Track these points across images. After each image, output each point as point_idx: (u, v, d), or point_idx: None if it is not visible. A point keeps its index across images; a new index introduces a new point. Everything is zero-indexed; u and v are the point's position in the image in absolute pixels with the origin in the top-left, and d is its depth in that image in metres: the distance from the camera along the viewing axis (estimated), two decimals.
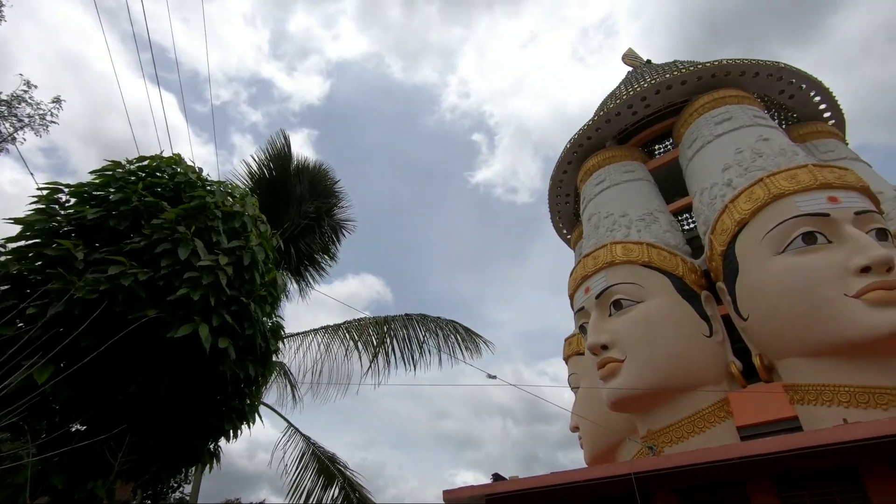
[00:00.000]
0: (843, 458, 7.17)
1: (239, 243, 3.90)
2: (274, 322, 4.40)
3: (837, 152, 16.99)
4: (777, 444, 7.24)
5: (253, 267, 3.88)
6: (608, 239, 15.90)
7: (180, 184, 3.95)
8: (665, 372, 12.80)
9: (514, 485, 9.31)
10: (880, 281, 10.34)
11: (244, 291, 3.78)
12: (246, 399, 4.33)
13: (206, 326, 3.31)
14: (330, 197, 9.56)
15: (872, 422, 7.21)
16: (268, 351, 4.06)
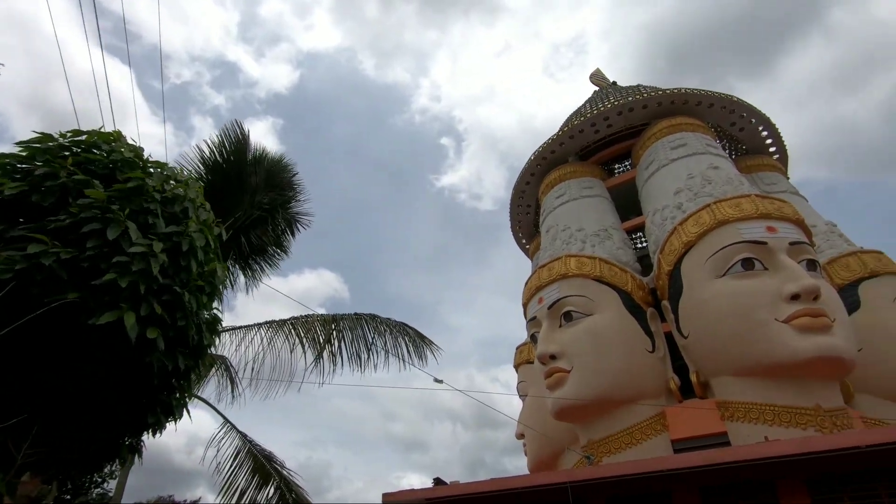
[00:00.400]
0: (761, 473, 7.61)
1: (177, 229, 3.74)
2: (211, 314, 4.24)
3: (779, 185, 18.09)
4: (701, 458, 7.61)
5: (191, 255, 3.72)
6: (564, 251, 16.29)
7: (117, 162, 3.75)
8: (609, 384, 13.20)
9: (454, 490, 9.34)
10: (807, 308, 11.04)
11: (179, 280, 3.62)
12: (175, 392, 4.15)
13: (132, 314, 3.14)
14: (287, 189, 9.34)
15: (789, 440, 7.68)
16: (201, 343, 3.91)
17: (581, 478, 8.00)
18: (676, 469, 7.47)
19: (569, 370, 13.58)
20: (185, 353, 3.74)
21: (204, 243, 4.03)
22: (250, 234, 8.31)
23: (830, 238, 15.91)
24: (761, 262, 12.16)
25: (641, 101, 18.25)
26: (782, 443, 7.39)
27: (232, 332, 7.53)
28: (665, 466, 7.55)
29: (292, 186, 9.48)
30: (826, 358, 10.63)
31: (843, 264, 14.72)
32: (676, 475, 7.63)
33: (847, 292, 14.21)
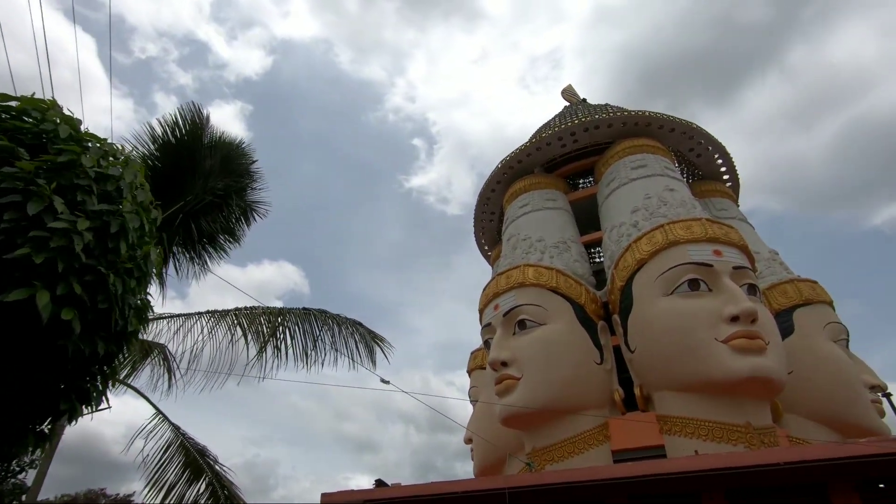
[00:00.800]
0: (688, 486, 7.93)
1: (109, 208, 3.56)
2: (142, 300, 4.06)
3: (729, 211, 18.96)
4: (630, 469, 7.85)
5: (121, 236, 3.55)
6: (523, 261, 16.52)
7: (48, 133, 3.54)
8: (557, 393, 13.44)
9: (393, 492, 9.28)
10: (744, 330, 11.59)
11: (105, 261, 3.45)
12: (96, 379, 3.94)
13: (46, 293, 2.97)
14: (243, 176, 9.07)
15: (714, 455, 8.03)
16: (126, 329, 3.73)
17: (518, 484, 8.11)
18: (608, 479, 7.69)
19: (519, 377, 13.75)
20: (106, 338, 3.56)
21: (138, 225, 3.85)
22: (201, 220, 8.01)
23: (772, 265, 16.78)
24: (706, 283, 12.70)
25: (607, 119, 18.78)
26: (707, 457, 7.73)
27: (170, 320, 7.24)
28: (598, 476, 7.75)
29: (250, 174, 9.21)
30: (758, 378, 11.19)
31: (781, 291, 15.55)
32: (610, 485, 7.84)
33: (783, 317, 15.03)
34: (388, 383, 8.48)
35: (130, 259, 3.74)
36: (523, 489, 8.02)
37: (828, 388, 13.59)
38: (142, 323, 4.06)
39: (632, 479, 7.59)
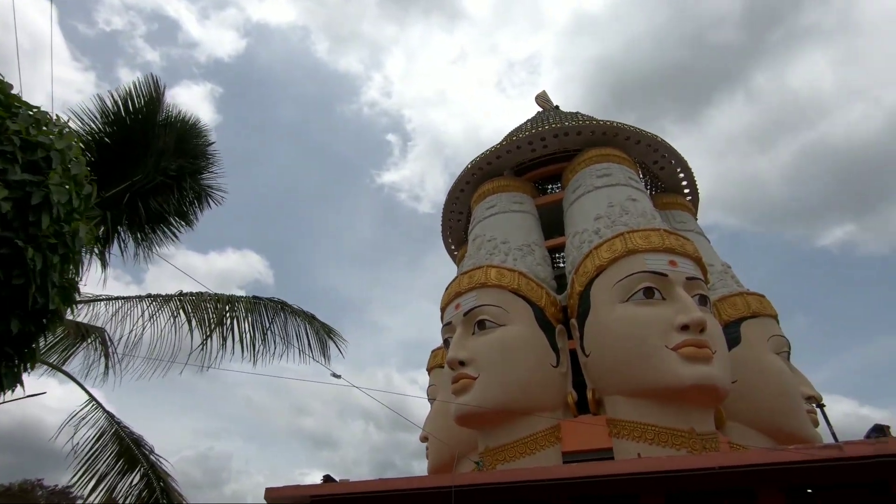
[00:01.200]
0: (628, 488, 8.14)
1: (32, 178, 3.35)
2: (68, 279, 3.83)
3: (688, 224, 19.59)
4: (573, 470, 8.01)
5: (43, 209, 3.35)
6: (486, 261, 16.61)
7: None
8: (512, 394, 13.55)
9: (339, 488, 9.16)
10: (693, 339, 11.99)
11: (24, 235, 3.25)
12: (12, 360, 3.70)
13: None
14: (199, 158, 8.73)
15: (652, 458, 8.26)
16: (46, 308, 3.51)
17: (464, 482, 8.13)
18: (552, 479, 7.80)
19: (475, 377, 13.80)
20: (22, 317, 3.35)
21: (66, 199, 3.64)
22: (150, 200, 7.68)
23: (724, 278, 17.42)
24: (661, 292, 13.07)
25: (577, 127, 19.10)
26: (647, 460, 7.95)
27: (108, 303, 6.90)
28: (541, 476, 7.86)
29: (206, 156, 8.88)
30: (704, 386, 11.58)
31: (730, 303, 16.17)
32: (553, 485, 7.96)
33: (731, 328, 15.61)
34: (340, 377, 8.35)
35: (56, 235, 3.53)
36: (469, 487, 8.06)
37: (769, 398, 14.20)
38: (67, 303, 3.84)
39: (574, 480, 7.74)
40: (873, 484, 7.29)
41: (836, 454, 6.97)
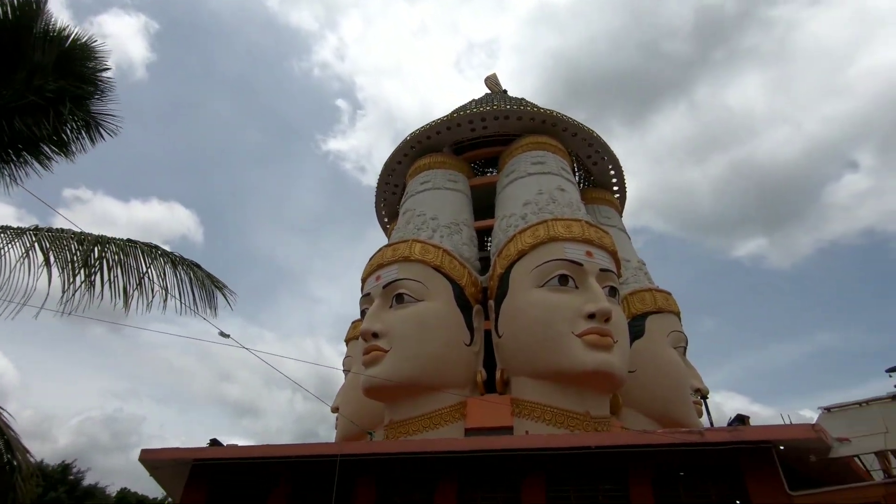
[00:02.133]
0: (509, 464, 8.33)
1: None
2: None
3: (612, 220, 20.35)
4: (457, 444, 8.09)
5: None
6: (413, 236, 16.40)
7: None
8: (421, 369, 13.53)
9: (222, 452, 8.73)
10: (598, 327, 12.46)
11: None
12: None
13: None
14: (86, 83, 7.77)
15: (533, 435, 8.50)
16: None
17: (350, 452, 7.98)
18: (437, 452, 7.82)
19: (387, 350, 13.65)
20: None
21: None
22: (15, 120, 6.71)
23: (637, 274, 18.31)
24: (575, 280, 13.46)
25: (517, 111, 19.15)
26: (528, 437, 8.17)
27: None
28: (426, 449, 7.86)
29: (95, 82, 7.93)
30: (602, 372, 12.10)
31: (640, 297, 17.03)
32: (438, 459, 7.99)
33: (637, 321, 16.48)
34: (228, 336, 7.88)
35: None
36: (355, 457, 7.91)
37: (662, 388, 15.18)
38: None
39: (456, 454, 7.80)
40: (731, 468, 7.91)
41: (698, 439, 7.51)
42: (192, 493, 9.76)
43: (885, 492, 6.36)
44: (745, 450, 7.61)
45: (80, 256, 6.10)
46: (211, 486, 9.73)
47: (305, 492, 9.34)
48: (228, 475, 9.68)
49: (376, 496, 8.75)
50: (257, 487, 9.62)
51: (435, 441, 8.94)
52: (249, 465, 8.64)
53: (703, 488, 7.94)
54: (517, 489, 8.47)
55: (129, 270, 6.47)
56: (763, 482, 7.34)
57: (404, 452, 7.64)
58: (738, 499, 7.48)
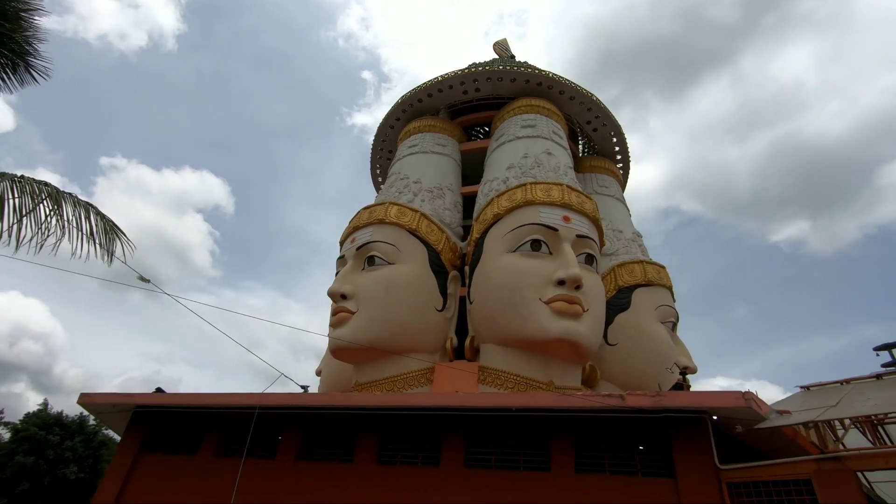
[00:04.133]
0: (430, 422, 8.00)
1: None
2: None
3: (610, 189, 19.36)
4: (377, 399, 7.80)
5: None
6: (393, 199, 16.01)
7: None
8: (388, 333, 13.27)
9: (160, 399, 8.76)
10: (566, 294, 11.87)
11: None
12: None
13: None
14: (10, 21, 7.62)
15: (452, 394, 8.11)
16: None
17: (269, 403, 7.82)
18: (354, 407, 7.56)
19: (354, 312, 13.45)
20: None
21: None
22: None
23: (630, 246, 17.41)
24: (548, 246, 12.84)
25: (510, 73, 18.26)
26: (444, 395, 7.81)
27: None
28: (344, 403, 7.61)
29: (20, 21, 7.77)
30: (566, 341, 11.55)
31: (629, 269, 16.20)
32: (357, 415, 7.74)
33: (623, 294, 15.74)
34: (149, 282, 7.75)
35: None
36: (273, 409, 7.76)
37: (642, 362, 14.49)
38: None
39: (375, 410, 7.52)
40: (659, 436, 7.36)
41: (617, 403, 6.96)
42: (132, 436, 10.09)
43: (816, 468, 5.72)
44: (676, 418, 7.04)
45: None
46: (149, 430, 9.99)
47: (233, 441, 9.45)
48: (165, 421, 9.93)
49: (298, 448, 8.70)
50: (190, 434, 9.80)
51: (354, 396, 8.74)
52: (183, 412, 8.70)
53: (628, 456, 7.44)
54: (438, 447, 8.19)
55: (23, 209, 6.34)
56: (690, 453, 6.77)
57: (324, 406, 7.44)
58: (665, 468, 6.95)
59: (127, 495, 9.03)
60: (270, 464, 8.60)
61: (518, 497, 7.27)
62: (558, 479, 7.34)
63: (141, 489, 9.08)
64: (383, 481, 7.83)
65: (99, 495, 9.22)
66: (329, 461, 8.38)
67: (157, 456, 9.77)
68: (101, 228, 6.61)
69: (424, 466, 8.17)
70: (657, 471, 7.06)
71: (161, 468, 9.43)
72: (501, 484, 7.50)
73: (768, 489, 6.13)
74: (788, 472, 5.92)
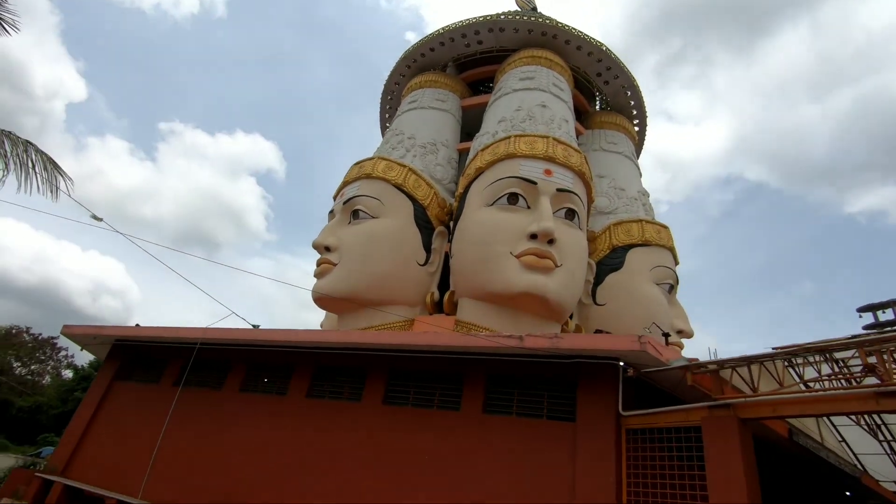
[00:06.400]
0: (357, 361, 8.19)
1: None
2: None
3: (619, 146, 18.39)
4: (312, 336, 8.05)
5: None
6: (385, 154, 16.02)
7: None
8: (367, 284, 13.52)
9: (133, 332, 9.50)
10: (537, 248, 11.60)
11: None
12: None
13: None
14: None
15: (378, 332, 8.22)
16: None
17: (209, 338, 8.27)
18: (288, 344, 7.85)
19: (335, 264, 13.77)
20: None
21: None
22: None
23: (632, 204, 16.62)
24: (526, 199, 12.51)
25: (512, 22, 17.46)
26: (371, 334, 7.95)
27: None
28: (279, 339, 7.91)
29: None
30: (532, 295, 11.35)
31: (625, 228, 15.55)
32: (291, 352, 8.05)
33: (617, 254, 15.19)
34: (101, 220, 8.26)
35: None
36: (213, 344, 8.21)
37: (633, 324, 14.02)
38: None
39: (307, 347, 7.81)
40: (566, 380, 7.21)
41: (516, 344, 6.81)
42: (109, 365, 11.19)
43: (707, 414, 5.38)
44: (586, 364, 6.81)
45: None
46: (124, 361, 11.02)
47: (192, 371, 10.26)
48: (138, 354, 10.93)
49: (242, 380, 9.29)
50: (155, 365, 10.69)
51: (290, 332, 9.08)
52: (151, 346, 9.42)
53: (537, 399, 7.32)
54: (362, 384, 8.44)
55: None
56: (593, 398, 6.56)
57: (264, 342, 7.83)
58: (570, 413, 6.78)
59: (99, 417, 10.10)
60: (218, 394, 9.32)
61: (429, 433, 7.43)
62: (467, 418, 7.40)
63: (111, 412, 10.13)
64: (312, 413, 8.25)
65: (77, 417, 10.35)
66: (267, 394, 8.89)
67: (128, 384, 10.87)
68: (42, 165, 7.11)
69: (348, 402, 8.50)
70: (562, 415, 6.93)
71: (130, 394, 10.48)
72: (415, 420, 7.69)
73: (661, 436, 5.88)
74: (682, 420, 5.63)
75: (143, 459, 9.32)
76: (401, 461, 7.50)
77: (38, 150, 7.20)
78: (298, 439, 8.26)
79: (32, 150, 7.14)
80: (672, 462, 5.61)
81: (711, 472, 5.06)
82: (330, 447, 7.99)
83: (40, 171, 7.17)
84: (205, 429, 9.24)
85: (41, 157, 7.15)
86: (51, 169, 7.18)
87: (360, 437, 7.91)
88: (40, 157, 7.15)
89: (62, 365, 48.29)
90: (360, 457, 7.78)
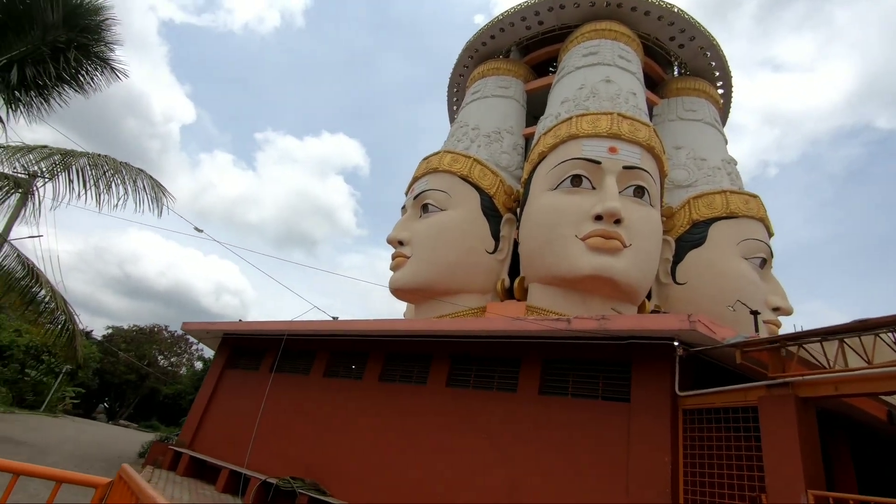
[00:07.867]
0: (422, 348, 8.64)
1: None
2: None
3: (698, 113, 17.11)
4: (381, 325, 8.69)
5: None
6: (450, 147, 16.44)
7: None
8: (437, 275, 14.14)
9: (239, 326, 10.91)
10: (603, 230, 11.37)
11: None
12: None
13: None
14: (90, 33, 9.73)
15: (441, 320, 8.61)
16: None
17: (295, 329, 9.26)
18: (361, 333, 8.58)
19: (408, 256, 14.52)
20: None
21: None
22: (27, 68, 8.93)
23: (715, 175, 15.47)
24: (590, 180, 12.27)
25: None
26: (434, 322, 8.39)
27: None
28: (353, 329, 8.66)
29: (99, 30, 9.85)
30: (600, 277, 11.18)
31: (706, 201, 14.55)
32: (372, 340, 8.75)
33: (699, 229, 14.31)
34: (202, 232, 9.58)
35: None
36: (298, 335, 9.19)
37: (713, 301, 13.22)
38: None
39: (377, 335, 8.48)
40: (623, 362, 7.09)
41: (564, 326, 6.75)
42: (220, 355, 12.95)
43: (766, 393, 5.03)
44: (641, 345, 6.63)
45: (59, 166, 8.15)
46: (232, 350, 12.69)
47: (286, 358, 11.56)
48: (243, 343, 12.50)
49: (327, 365, 10.28)
50: (258, 353, 12.17)
51: (363, 322, 9.83)
52: (253, 338, 10.74)
53: (590, 380, 7.27)
54: (427, 368, 8.93)
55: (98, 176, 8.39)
56: (648, 378, 6.37)
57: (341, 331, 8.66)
58: (624, 392, 6.66)
59: (214, 400, 11.83)
60: (306, 379, 10.49)
61: (487, 414, 7.77)
62: (523, 398, 7.59)
63: (222, 396, 11.82)
64: (384, 395, 8.97)
65: (198, 400, 12.30)
66: (346, 378, 9.79)
67: (235, 371, 12.58)
68: (151, 187, 8.48)
69: (416, 385, 9.10)
70: (617, 396, 6.84)
71: (237, 380, 12.12)
72: (475, 401, 8.05)
73: (719, 416, 5.61)
74: (740, 399, 5.34)
75: (247, 435, 10.88)
76: (462, 439, 8.01)
77: (148, 176, 8.60)
78: (372, 418, 9.14)
79: (143, 177, 8.55)
80: (730, 443, 5.41)
81: (768, 452, 4.83)
82: (399, 425, 8.76)
83: (149, 192, 8.56)
84: (295, 409, 10.57)
85: (150, 181, 8.53)
86: (157, 191, 8.55)
87: (425, 416, 8.55)
88: (149, 181, 8.54)
89: (195, 357, 55.63)
90: (425, 432, 8.44)
